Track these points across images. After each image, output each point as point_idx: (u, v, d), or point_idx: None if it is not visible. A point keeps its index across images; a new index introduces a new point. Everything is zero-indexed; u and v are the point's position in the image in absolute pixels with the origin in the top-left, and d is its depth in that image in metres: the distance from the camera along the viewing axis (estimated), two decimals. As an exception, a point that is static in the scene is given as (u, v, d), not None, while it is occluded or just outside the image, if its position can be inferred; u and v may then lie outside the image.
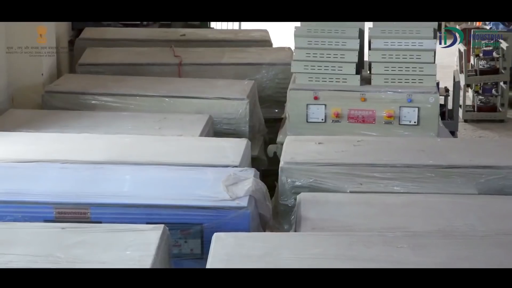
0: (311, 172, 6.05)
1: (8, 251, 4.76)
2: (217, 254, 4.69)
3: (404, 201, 5.73)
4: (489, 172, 6.06)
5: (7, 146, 6.46)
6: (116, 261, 4.63)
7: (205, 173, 5.85)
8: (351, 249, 4.79)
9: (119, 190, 5.62)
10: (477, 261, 4.64)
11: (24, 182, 5.72)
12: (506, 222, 5.36)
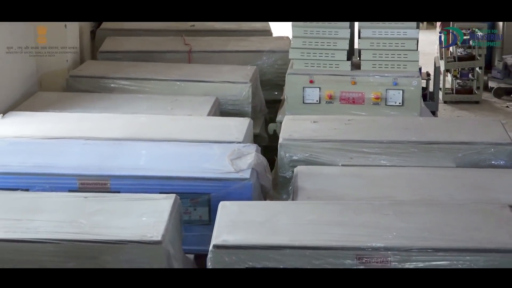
0: (307, 147, 6.05)
1: (37, 217, 4.78)
2: (223, 220, 4.70)
3: (390, 173, 5.73)
4: (465, 147, 6.05)
5: (35, 125, 6.45)
6: (132, 227, 4.64)
7: (212, 149, 5.85)
8: (342, 215, 4.80)
9: (136, 163, 5.63)
10: (455, 226, 4.65)
11: (51, 156, 5.73)
12: (480, 192, 5.37)
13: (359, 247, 4.39)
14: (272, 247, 4.40)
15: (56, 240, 4.53)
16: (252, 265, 4.37)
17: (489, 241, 4.45)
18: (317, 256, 4.37)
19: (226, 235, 4.50)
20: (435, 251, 4.37)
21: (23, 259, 4.50)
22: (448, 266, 4.34)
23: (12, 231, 4.61)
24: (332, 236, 4.50)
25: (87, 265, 4.50)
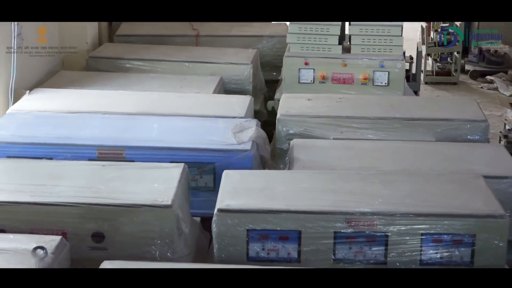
0: (302, 122, 6.05)
1: (60, 183, 4.78)
2: (226, 187, 4.70)
3: (376, 146, 5.73)
4: (444, 123, 6.05)
5: (58, 100, 6.45)
6: (145, 192, 4.65)
7: (217, 123, 5.85)
8: (333, 183, 4.80)
9: (148, 135, 5.63)
10: (434, 193, 4.65)
11: (72, 129, 5.73)
12: (457, 163, 5.37)
13: (348, 212, 4.39)
14: (270, 211, 4.41)
15: (77, 203, 4.54)
16: (252, 227, 4.37)
17: (465, 207, 4.45)
18: (310, 219, 4.38)
19: (229, 200, 4.50)
20: (416, 216, 4.37)
21: (47, 220, 4.51)
22: (428, 230, 4.35)
23: (38, 195, 4.62)
24: (324, 202, 4.50)
25: (105, 226, 4.52)
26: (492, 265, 4.33)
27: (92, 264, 4.16)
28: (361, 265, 4.39)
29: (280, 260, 4.38)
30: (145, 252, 4.48)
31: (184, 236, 4.65)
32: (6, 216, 4.52)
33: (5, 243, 4.17)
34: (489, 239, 4.33)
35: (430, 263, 4.36)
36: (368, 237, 4.37)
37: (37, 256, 4.04)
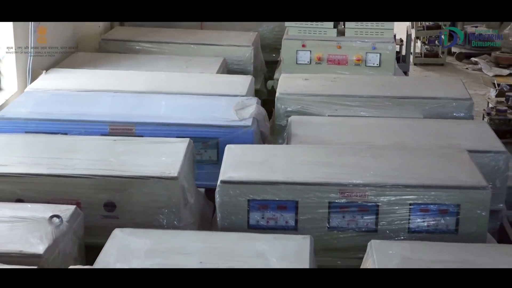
0: (299, 100, 6.03)
1: (74, 156, 4.78)
2: (229, 160, 4.70)
3: (368, 123, 5.71)
4: (431, 102, 6.04)
5: (73, 80, 6.42)
6: (153, 165, 4.64)
7: (220, 100, 5.83)
8: (328, 157, 4.79)
9: (156, 112, 5.61)
10: (422, 166, 4.65)
11: (86, 106, 5.71)
12: (443, 138, 5.36)
13: (341, 183, 4.39)
14: (269, 182, 4.41)
15: (90, 175, 4.54)
16: (253, 198, 4.38)
17: (450, 179, 4.45)
18: (306, 190, 4.38)
19: (231, 173, 4.50)
20: (405, 187, 4.37)
21: (62, 191, 4.52)
22: (416, 200, 4.35)
23: (54, 168, 4.62)
24: (319, 174, 4.50)
25: (116, 196, 4.52)
26: (475, 233, 4.34)
27: (104, 231, 4.18)
28: (354, 233, 4.39)
29: (279, 228, 4.38)
30: (153, 220, 4.49)
31: (190, 205, 4.65)
32: (24, 187, 4.53)
33: (24, 212, 4.18)
34: (472, 209, 4.34)
35: (418, 231, 4.37)
36: (360, 207, 4.38)
37: (53, 224, 4.04)
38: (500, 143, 5.25)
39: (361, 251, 4.07)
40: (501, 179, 5.06)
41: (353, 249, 4.34)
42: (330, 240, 4.39)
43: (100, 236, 4.13)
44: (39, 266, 3.67)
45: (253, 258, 3.83)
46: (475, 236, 4.32)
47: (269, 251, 3.88)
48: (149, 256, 3.85)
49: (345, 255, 4.38)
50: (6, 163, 4.67)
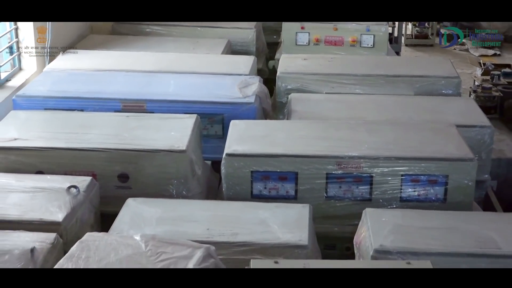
0: (299, 79, 6.00)
1: (90, 131, 4.78)
2: (233, 135, 4.70)
3: (363, 100, 5.69)
4: (422, 80, 6.01)
5: (88, 60, 6.40)
6: (163, 139, 4.64)
7: (225, 79, 5.80)
8: (325, 132, 4.79)
9: (166, 90, 5.59)
10: (413, 140, 4.64)
11: (100, 84, 5.70)
12: (433, 114, 5.34)
13: (338, 156, 4.39)
14: (271, 155, 4.41)
15: (105, 148, 4.54)
16: (256, 169, 4.38)
17: (439, 151, 4.45)
18: (305, 162, 4.38)
19: (236, 146, 4.49)
20: (397, 159, 4.37)
21: (79, 163, 4.52)
22: (407, 171, 4.35)
23: (71, 142, 4.62)
24: (318, 147, 4.49)
25: (129, 168, 4.52)
26: (462, 202, 4.34)
27: (118, 201, 4.19)
28: (349, 202, 4.40)
29: (280, 198, 4.39)
30: (163, 190, 4.49)
31: (197, 177, 4.65)
32: (44, 160, 4.53)
33: (43, 183, 4.19)
34: (460, 179, 4.34)
35: (409, 200, 4.38)
36: (356, 178, 4.37)
37: (71, 194, 4.05)
38: (485, 118, 5.24)
39: (356, 219, 4.08)
40: (486, 152, 5.06)
41: (349, 216, 4.35)
42: (327, 208, 4.40)
43: (114, 205, 4.15)
44: (58, 232, 3.68)
45: (256, 225, 3.84)
46: (462, 205, 4.32)
47: (271, 219, 3.89)
48: (160, 223, 3.87)
49: (341, 222, 4.39)
50: (27, 138, 4.67)
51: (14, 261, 3.33)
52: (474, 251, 3.60)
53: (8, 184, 4.18)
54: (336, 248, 4.41)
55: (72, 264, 3.13)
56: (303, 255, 3.59)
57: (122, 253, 3.22)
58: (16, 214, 3.85)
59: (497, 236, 3.71)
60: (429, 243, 3.63)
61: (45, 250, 3.47)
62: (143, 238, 3.33)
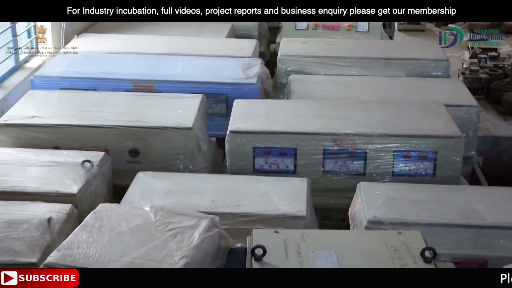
0: (298, 61, 5.97)
1: (102, 110, 4.77)
2: (237, 113, 4.68)
3: (358, 81, 5.66)
4: (413, 62, 5.97)
5: (101, 43, 6.37)
6: (171, 117, 4.62)
7: (229, 61, 5.77)
8: (323, 110, 4.77)
9: (174, 71, 5.57)
10: (404, 118, 4.63)
11: (112, 66, 5.67)
12: (423, 94, 5.31)
13: (335, 133, 4.37)
14: (272, 132, 4.39)
15: (117, 126, 4.53)
16: (258, 145, 4.37)
17: (429, 129, 4.43)
18: (304, 139, 4.37)
19: (239, 124, 4.48)
20: (390, 136, 4.36)
21: (93, 139, 4.52)
22: (399, 147, 4.34)
23: (85, 119, 4.62)
24: (315, 125, 4.48)
25: (139, 144, 4.51)
26: (450, 176, 4.33)
27: (129, 174, 4.18)
28: (345, 176, 4.39)
29: (280, 172, 4.38)
30: (171, 165, 4.49)
31: (203, 152, 4.64)
32: (60, 136, 4.53)
33: (60, 157, 4.18)
34: (448, 155, 4.32)
35: (400, 174, 4.37)
36: (351, 153, 4.36)
37: (85, 168, 4.04)
38: (473, 99, 5.21)
39: (351, 192, 4.07)
40: (473, 130, 5.05)
41: (344, 190, 4.34)
42: (324, 182, 4.39)
43: (126, 179, 4.14)
44: (73, 204, 3.68)
45: (258, 197, 3.84)
46: (450, 179, 4.31)
47: (272, 191, 3.89)
48: (168, 195, 3.86)
49: (337, 195, 4.38)
50: (44, 115, 4.66)
51: (32, 230, 3.34)
52: (460, 222, 3.60)
53: (27, 158, 4.18)
54: (332, 219, 4.41)
55: (86, 233, 3.13)
56: (301, 225, 3.59)
57: (132, 223, 3.21)
58: (34, 186, 3.85)
59: (482, 208, 3.71)
60: (418, 215, 3.63)
61: (61, 220, 3.47)
62: (153, 209, 3.33)
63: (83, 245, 3.03)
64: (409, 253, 2.89)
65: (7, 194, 3.76)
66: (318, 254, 2.87)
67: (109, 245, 3.04)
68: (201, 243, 3.05)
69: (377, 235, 3.17)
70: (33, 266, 3.09)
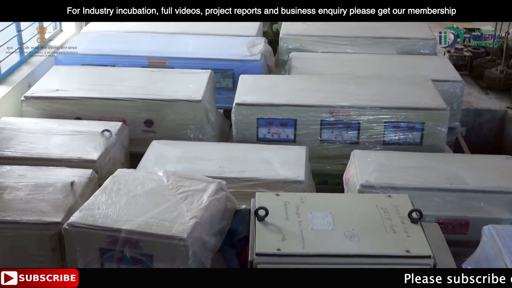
0: (298, 40, 5.90)
1: (121, 84, 4.74)
2: (242, 87, 4.64)
3: (353, 58, 5.60)
4: (403, 41, 5.90)
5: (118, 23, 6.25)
6: (182, 91, 4.59)
7: (235, 40, 5.72)
8: (321, 84, 4.72)
9: (185, 49, 5.51)
10: (395, 92, 4.58)
11: (129, 44, 5.62)
12: (412, 70, 5.25)
13: (331, 106, 4.34)
14: (274, 104, 4.36)
15: (133, 98, 4.51)
16: (261, 116, 4.33)
17: (417, 102, 4.39)
18: (303, 111, 4.33)
19: (244, 97, 4.44)
20: (381, 108, 4.32)
21: (111, 111, 4.49)
22: (389, 119, 4.30)
23: (105, 93, 4.59)
24: (314, 98, 4.44)
25: (153, 115, 4.48)
26: (436, 145, 4.30)
27: (144, 143, 4.16)
28: (340, 145, 4.36)
29: (281, 141, 4.35)
30: (182, 134, 4.47)
31: (211, 123, 4.61)
32: (81, 108, 4.50)
33: (81, 127, 4.17)
34: (434, 126, 4.29)
35: (391, 143, 4.34)
36: (346, 124, 4.33)
37: (105, 137, 4.03)
38: (457, 74, 5.16)
39: (345, 159, 4.05)
40: (457, 103, 5.00)
41: (340, 157, 4.31)
42: (321, 150, 4.37)
43: (141, 146, 4.13)
44: (94, 169, 3.66)
45: (261, 163, 3.82)
46: (436, 147, 4.29)
47: (274, 158, 3.87)
48: (180, 162, 3.85)
49: (333, 161, 4.36)
50: (67, 89, 4.64)
51: (57, 192, 3.33)
52: (445, 186, 3.58)
53: (52, 128, 4.16)
54: (328, 183, 4.40)
55: (105, 195, 3.12)
56: (300, 189, 3.58)
57: (147, 186, 3.21)
58: (58, 153, 3.84)
59: (464, 174, 3.69)
60: (407, 180, 3.61)
61: (82, 184, 3.46)
62: (166, 174, 3.32)
63: (102, 206, 3.03)
64: (398, 214, 2.88)
65: (34, 160, 3.75)
66: (315, 215, 2.86)
67: (126, 206, 3.04)
68: (209, 204, 3.05)
69: (368, 198, 3.16)
70: (58, 225, 3.09)
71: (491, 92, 6.96)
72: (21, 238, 3.11)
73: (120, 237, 2.86)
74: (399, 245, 2.68)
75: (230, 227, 3.15)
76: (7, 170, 3.56)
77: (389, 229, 2.78)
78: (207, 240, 2.94)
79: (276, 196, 3.03)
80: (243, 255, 3.08)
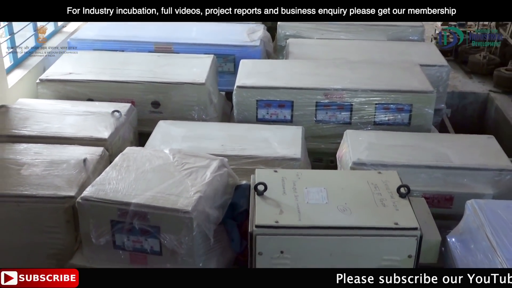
0: (295, 27, 5.84)
1: (129, 67, 4.71)
2: (243, 71, 4.61)
3: (346, 44, 5.56)
4: (394, 28, 5.84)
5: (127, 11, 6.26)
6: (187, 74, 4.56)
7: (236, 27, 5.67)
8: (317, 68, 4.69)
9: (189, 35, 5.48)
10: (385, 76, 4.55)
11: (137, 30, 5.57)
12: (402, 55, 5.22)
13: (326, 88, 4.32)
14: (272, 87, 4.34)
15: (141, 81, 4.49)
16: (260, 98, 4.32)
17: (406, 85, 4.37)
18: (299, 93, 4.32)
19: (245, 80, 4.42)
20: (372, 91, 4.31)
21: (121, 93, 4.47)
22: (380, 101, 4.29)
23: (114, 76, 4.57)
24: (309, 81, 4.42)
25: (160, 97, 4.46)
26: (423, 126, 4.29)
27: (151, 123, 4.15)
28: (334, 125, 4.35)
29: (279, 121, 4.34)
30: (187, 115, 4.45)
31: (214, 104, 4.60)
32: (93, 90, 4.48)
33: (93, 108, 4.15)
34: (421, 107, 4.28)
35: (381, 124, 4.33)
36: (339, 106, 4.32)
37: (115, 117, 4.01)
38: (443, 59, 5.13)
39: (339, 138, 4.05)
40: (443, 86, 4.98)
41: (333, 136, 4.31)
42: (316, 130, 4.36)
43: (149, 126, 4.12)
44: (105, 147, 3.66)
45: (260, 142, 3.82)
46: (423, 128, 4.28)
47: (272, 137, 3.86)
48: (185, 140, 3.84)
49: (327, 141, 4.35)
50: (80, 72, 4.61)
51: (70, 168, 3.33)
52: (431, 163, 3.58)
53: (65, 109, 4.15)
54: (322, 161, 4.40)
55: (115, 172, 3.12)
56: (297, 166, 3.58)
57: (155, 163, 3.20)
58: (71, 132, 3.84)
59: (449, 152, 3.69)
60: (396, 157, 3.60)
61: (94, 161, 3.46)
62: (171, 151, 3.31)
63: (113, 182, 3.03)
64: (387, 190, 2.88)
65: (49, 139, 3.74)
66: (310, 190, 2.87)
67: (135, 181, 3.04)
68: (212, 180, 3.05)
69: (360, 174, 3.16)
70: (72, 198, 3.10)
71: (475, 76, 6.94)
72: (38, 211, 3.11)
73: (129, 210, 2.86)
74: (388, 218, 2.69)
75: (232, 201, 3.15)
76: (24, 148, 3.55)
77: (379, 203, 2.79)
78: (210, 213, 2.95)
79: (274, 173, 3.03)
80: (243, 227, 3.09)
